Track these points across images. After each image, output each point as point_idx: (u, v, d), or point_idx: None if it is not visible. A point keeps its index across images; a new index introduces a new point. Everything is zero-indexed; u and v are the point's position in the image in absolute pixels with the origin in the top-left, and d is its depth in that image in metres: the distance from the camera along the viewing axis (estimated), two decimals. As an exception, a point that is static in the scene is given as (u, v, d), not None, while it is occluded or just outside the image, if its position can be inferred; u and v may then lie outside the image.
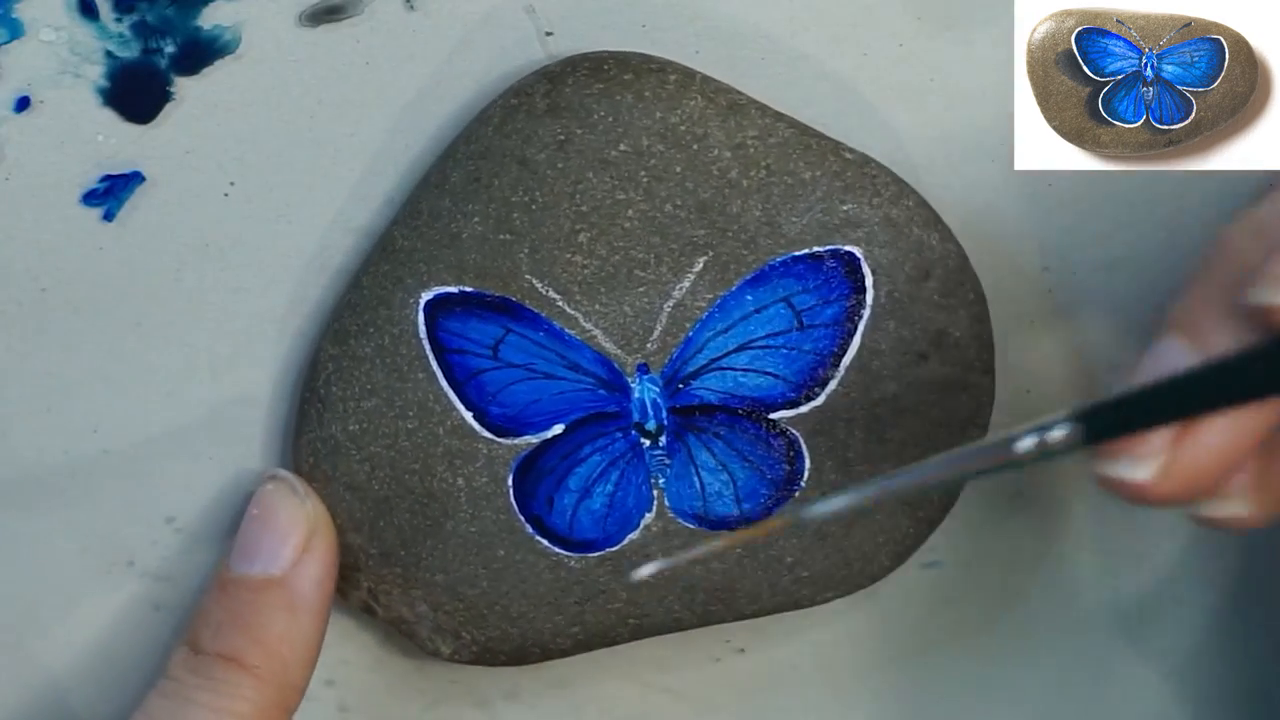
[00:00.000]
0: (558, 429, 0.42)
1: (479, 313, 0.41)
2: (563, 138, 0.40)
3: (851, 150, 0.41)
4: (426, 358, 0.41)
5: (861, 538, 0.43)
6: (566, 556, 0.42)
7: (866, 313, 0.41)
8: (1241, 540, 0.48)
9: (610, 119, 0.40)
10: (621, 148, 0.40)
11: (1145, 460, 0.31)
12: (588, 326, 0.41)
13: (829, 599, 0.43)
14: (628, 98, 0.40)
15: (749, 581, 0.43)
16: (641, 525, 0.42)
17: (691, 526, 0.42)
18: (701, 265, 0.41)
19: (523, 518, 0.42)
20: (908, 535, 0.43)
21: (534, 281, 0.41)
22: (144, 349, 0.43)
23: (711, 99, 0.40)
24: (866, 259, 0.41)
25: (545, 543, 0.42)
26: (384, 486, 0.42)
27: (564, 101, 0.40)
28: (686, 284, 0.41)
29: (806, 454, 0.42)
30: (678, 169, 0.40)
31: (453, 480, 0.42)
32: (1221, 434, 0.31)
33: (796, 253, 0.41)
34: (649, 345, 0.41)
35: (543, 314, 0.41)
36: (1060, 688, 0.50)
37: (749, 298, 0.41)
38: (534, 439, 0.42)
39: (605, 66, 0.40)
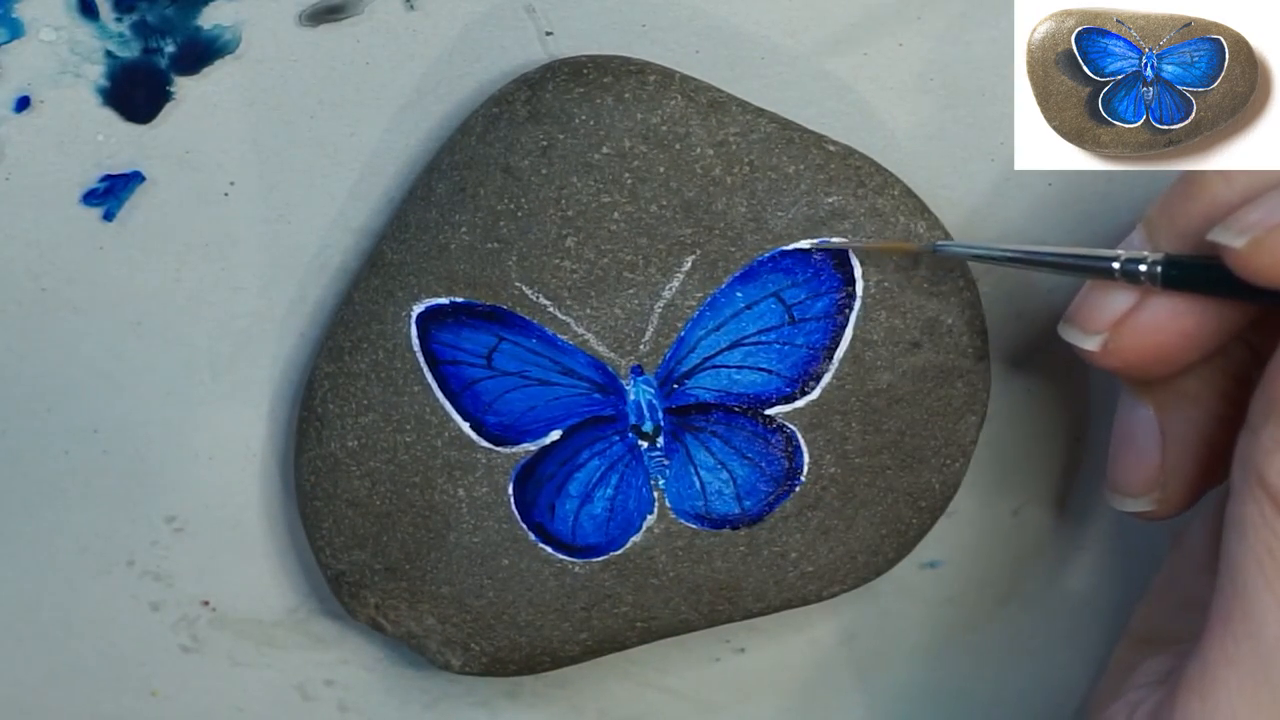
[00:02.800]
0: (555, 435, 0.42)
1: (471, 323, 0.41)
2: (545, 143, 0.40)
3: (834, 143, 0.41)
4: (421, 370, 0.41)
5: (865, 530, 0.43)
6: (571, 562, 0.43)
7: (857, 304, 0.41)
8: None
9: (591, 122, 0.40)
10: (604, 150, 0.40)
11: (1093, 335, 0.37)
12: (580, 331, 0.41)
13: (835, 594, 0.43)
14: (608, 100, 0.40)
15: (754, 580, 0.43)
16: (644, 527, 0.42)
17: (694, 526, 0.42)
18: (690, 264, 0.41)
19: (525, 526, 0.42)
20: (910, 527, 0.43)
21: (524, 289, 0.41)
22: (144, 349, 0.43)
23: (692, 98, 0.40)
24: (855, 250, 0.41)
25: (549, 549, 0.42)
26: (385, 501, 0.42)
27: (544, 107, 0.40)
28: (676, 283, 0.41)
29: (804, 448, 0.42)
30: (661, 169, 0.40)
31: (453, 491, 0.42)
32: (1150, 330, 0.36)
33: (784, 247, 0.41)
34: (642, 347, 0.41)
35: (534, 321, 0.41)
36: (1060, 688, 0.50)
37: (739, 294, 0.41)
38: (532, 446, 0.42)
39: (584, 70, 0.40)
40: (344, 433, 0.42)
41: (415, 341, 0.41)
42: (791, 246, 0.41)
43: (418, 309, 0.41)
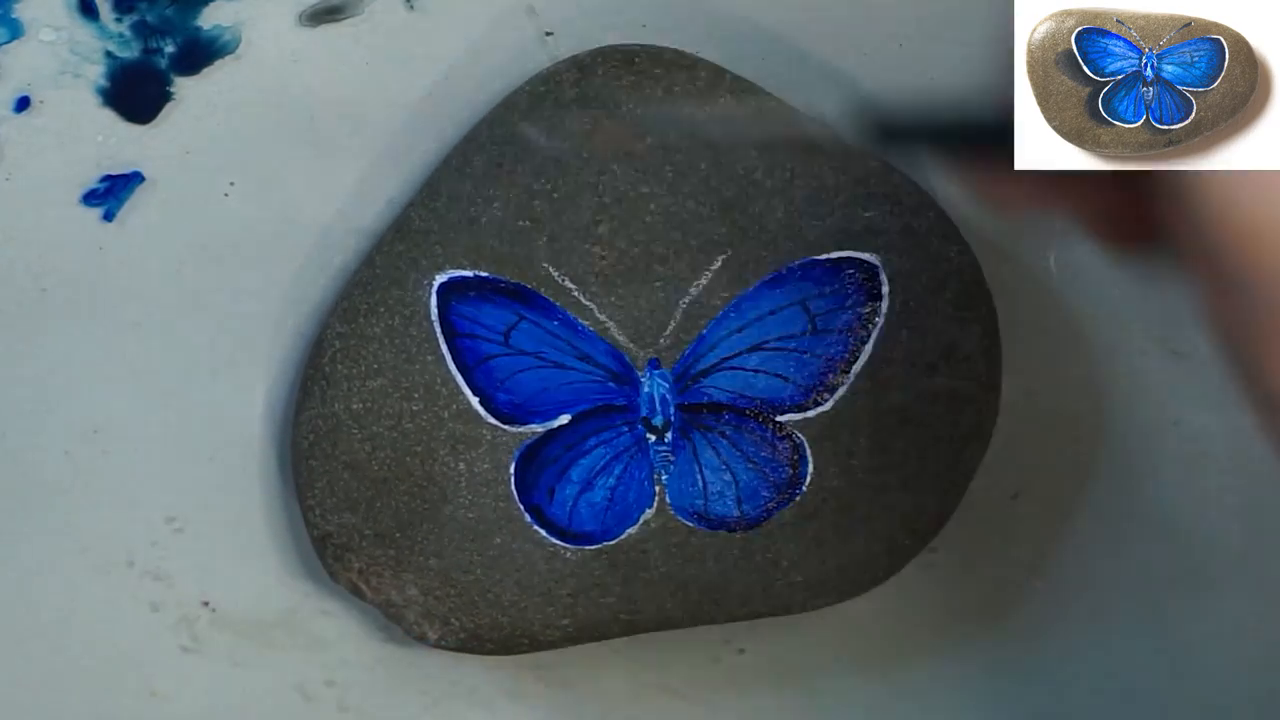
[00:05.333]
0: (564, 419, 0.42)
1: (493, 298, 0.41)
2: (589, 127, 0.40)
3: (876, 158, 0.41)
4: (436, 340, 0.41)
5: (857, 547, 0.43)
6: (563, 548, 0.42)
7: (880, 321, 0.41)
8: (1242, 542, 0.48)
9: (638, 111, 0.40)
10: (648, 141, 0.40)
11: None
12: (602, 318, 0.41)
13: (818, 606, 0.43)
14: (658, 92, 0.40)
15: (742, 583, 0.43)
16: (640, 520, 0.42)
17: (691, 525, 0.42)
18: (720, 263, 0.41)
19: (522, 506, 0.42)
20: (902, 547, 0.43)
21: (551, 270, 0.41)
22: (144, 349, 0.43)
23: (741, 99, 0.40)
24: (885, 267, 0.41)
25: (543, 533, 0.42)
26: (384, 467, 0.42)
27: (593, 91, 0.40)
28: (704, 281, 0.41)
29: (810, 459, 0.42)
30: (703, 166, 0.40)
31: (454, 465, 0.42)
32: None
33: (815, 257, 0.41)
34: (662, 340, 0.41)
35: (557, 303, 0.41)
36: (1060, 687, 0.50)
37: (765, 299, 0.41)
38: (539, 428, 0.42)
39: (636, 59, 0.40)
40: (349, 394, 0.42)
41: (434, 311, 0.41)
42: None
43: (440, 279, 0.41)
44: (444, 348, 0.41)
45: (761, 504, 0.42)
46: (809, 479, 0.42)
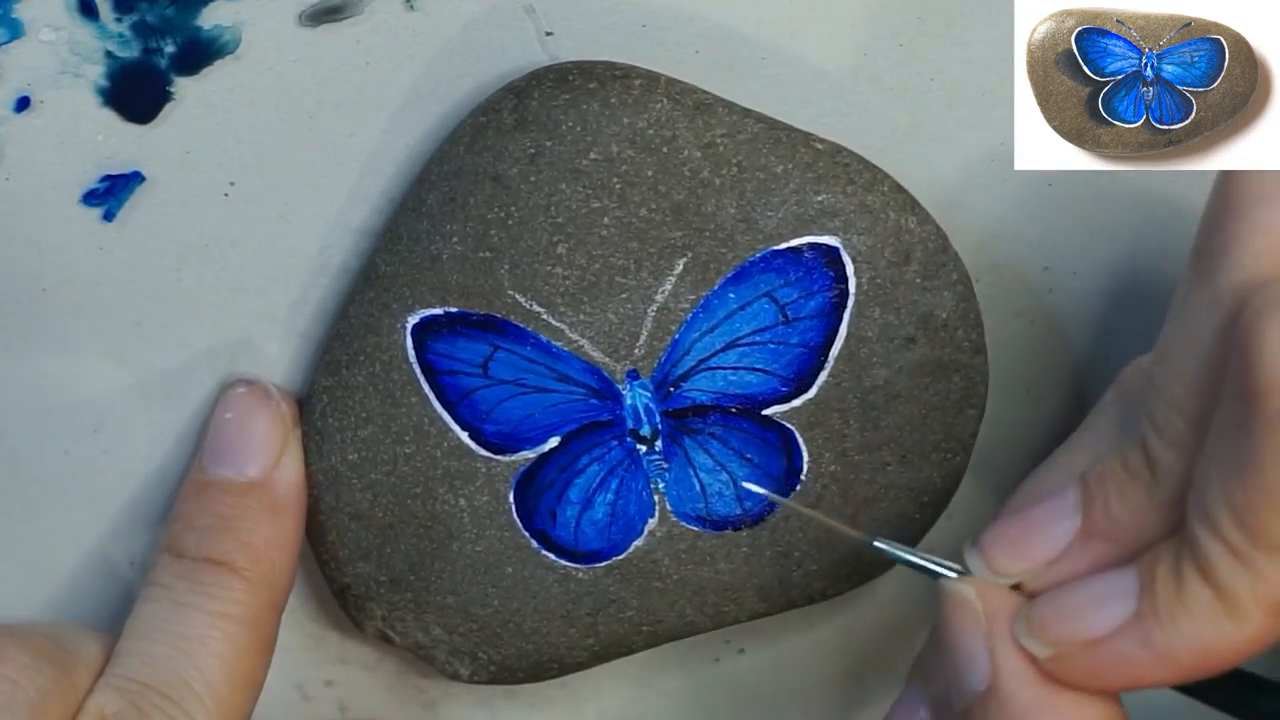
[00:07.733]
0: (554, 442, 0.42)
1: (466, 332, 0.41)
2: (533, 151, 0.40)
3: (822, 140, 0.41)
4: (418, 381, 0.41)
5: (868, 528, 0.43)
6: (574, 569, 0.43)
7: (850, 301, 0.41)
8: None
9: (578, 128, 0.40)
10: (592, 156, 0.40)
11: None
12: (574, 337, 0.41)
13: (841, 591, 0.43)
14: (594, 106, 0.40)
15: (759, 579, 0.43)
16: (645, 531, 0.42)
17: (696, 529, 0.42)
18: (681, 267, 0.41)
19: (527, 533, 0.42)
20: (913, 523, 0.43)
21: (517, 296, 0.41)
22: (144, 349, 0.43)
23: (678, 100, 0.40)
24: (846, 247, 0.41)
25: (552, 556, 0.42)
26: (388, 513, 0.42)
27: (531, 115, 0.40)
28: (668, 286, 0.41)
29: (803, 447, 0.42)
30: (649, 173, 0.40)
31: (455, 501, 0.42)
32: None
33: (775, 247, 0.41)
34: (636, 351, 0.41)
35: (528, 328, 0.41)
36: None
37: (731, 296, 0.41)
38: (531, 454, 0.42)
39: (570, 76, 0.40)
40: (344, 446, 0.42)
41: (411, 353, 0.41)
42: None
43: (412, 320, 0.41)
44: (426, 387, 0.41)
45: (762, 498, 0.42)
46: (806, 468, 0.42)
